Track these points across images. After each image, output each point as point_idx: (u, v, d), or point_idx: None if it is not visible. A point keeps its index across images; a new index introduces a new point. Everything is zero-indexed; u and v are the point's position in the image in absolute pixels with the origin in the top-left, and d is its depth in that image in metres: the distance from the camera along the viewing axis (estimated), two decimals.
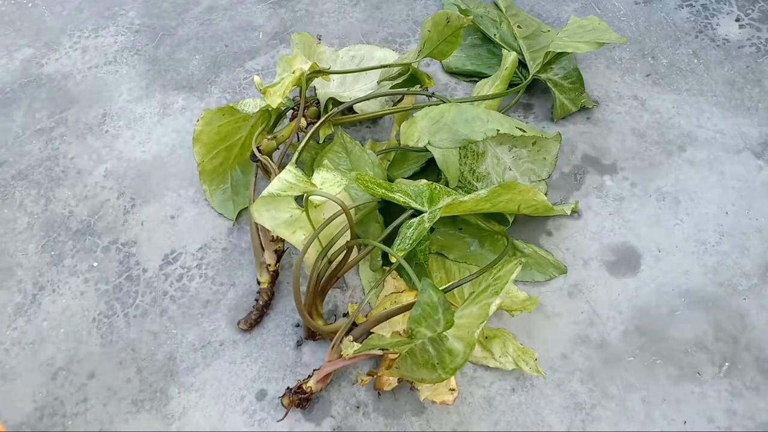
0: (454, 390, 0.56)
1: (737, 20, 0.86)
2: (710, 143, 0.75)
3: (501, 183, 0.58)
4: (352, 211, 0.58)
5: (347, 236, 0.58)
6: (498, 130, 0.62)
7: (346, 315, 0.62)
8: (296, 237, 0.58)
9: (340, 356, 0.57)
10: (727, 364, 0.61)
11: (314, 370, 0.59)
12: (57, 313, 0.67)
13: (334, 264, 0.60)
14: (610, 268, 0.67)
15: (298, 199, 0.57)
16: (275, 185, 0.55)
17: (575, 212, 0.69)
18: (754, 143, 0.74)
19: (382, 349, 0.55)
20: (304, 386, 0.58)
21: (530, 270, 0.65)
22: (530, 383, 0.61)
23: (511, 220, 0.66)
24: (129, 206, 0.74)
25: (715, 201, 0.70)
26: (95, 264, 0.70)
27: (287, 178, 0.55)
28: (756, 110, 0.77)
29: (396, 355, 0.56)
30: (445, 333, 0.47)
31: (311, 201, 0.56)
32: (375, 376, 0.59)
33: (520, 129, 0.65)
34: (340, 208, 0.55)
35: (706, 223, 0.69)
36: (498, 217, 0.66)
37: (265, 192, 0.55)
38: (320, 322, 0.61)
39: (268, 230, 0.64)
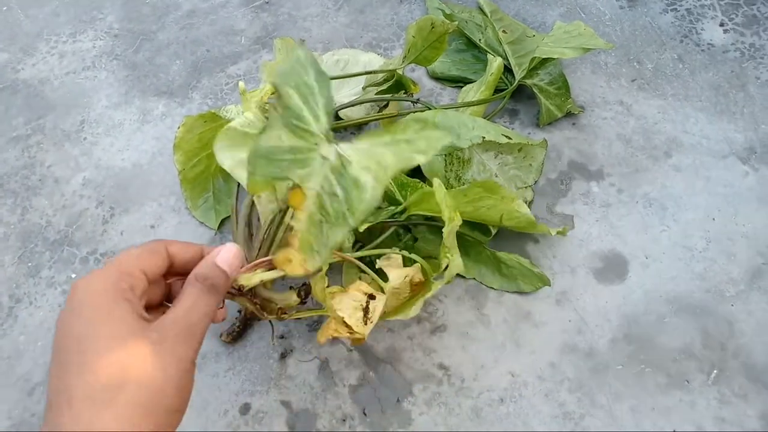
0: (354, 333, 0.54)
1: (721, 25, 0.86)
2: (696, 149, 0.75)
3: (481, 181, 0.57)
4: None
5: None
6: (484, 137, 0.62)
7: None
8: None
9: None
10: (715, 371, 0.60)
11: None
12: (34, 327, 0.66)
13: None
14: (597, 275, 0.66)
15: None
16: (238, 121, 0.54)
17: (562, 234, 0.68)
18: (740, 148, 0.74)
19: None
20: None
21: (516, 281, 0.64)
22: (519, 393, 0.60)
23: (493, 232, 0.65)
24: (108, 216, 0.73)
25: (702, 207, 0.70)
26: (73, 275, 0.69)
27: (249, 116, 0.55)
28: (741, 115, 0.77)
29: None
30: (348, 158, 0.43)
31: None
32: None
33: (506, 136, 0.64)
34: None
35: (693, 229, 0.69)
36: (482, 229, 0.65)
37: (226, 127, 0.54)
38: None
39: (251, 241, 0.63)
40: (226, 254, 0.44)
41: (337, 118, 0.74)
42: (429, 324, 0.64)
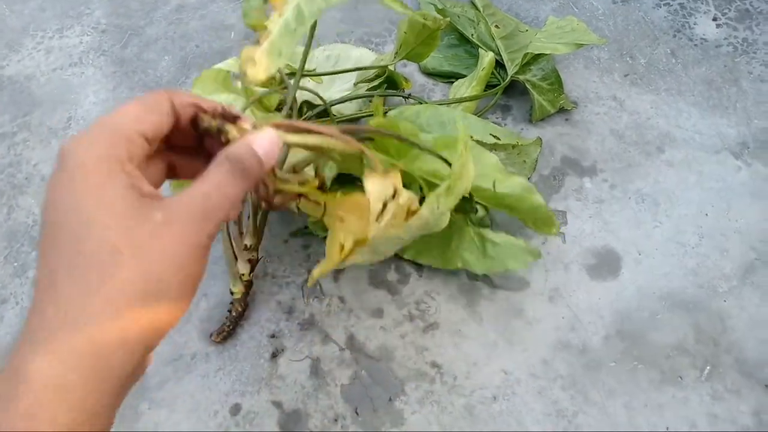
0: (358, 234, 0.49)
1: (714, 19, 0.86)
2: (689, 144, 0.74)
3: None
4: None
5: None
6: (471, 136, 0.61)
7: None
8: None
9: None
10: (708, 367, 0.60)
11: None
12: (20, 327, 0.64)
13: None
14: (590, 271, 0.66)
15: None
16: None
17: (557, 234, 0.67)
18: (732, 143, 0.74)
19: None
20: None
21: (503, 261, 0.62)
22: (511, 391, 0.59)
23: (480, 213, 0.63)
24: None
25: (695, 202, 0.70)
26: None
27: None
28: (734, 110, 0.77)
29: None
30: None
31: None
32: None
33: (494, 135, 0.64)
34: None
35: (686, 224, 0.68)
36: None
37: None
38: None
39: (241, 239, 0.62)
40: (264, 140, 0.37)
41: (329, 114, 0.73)
42: (421, 322, 0.63)
